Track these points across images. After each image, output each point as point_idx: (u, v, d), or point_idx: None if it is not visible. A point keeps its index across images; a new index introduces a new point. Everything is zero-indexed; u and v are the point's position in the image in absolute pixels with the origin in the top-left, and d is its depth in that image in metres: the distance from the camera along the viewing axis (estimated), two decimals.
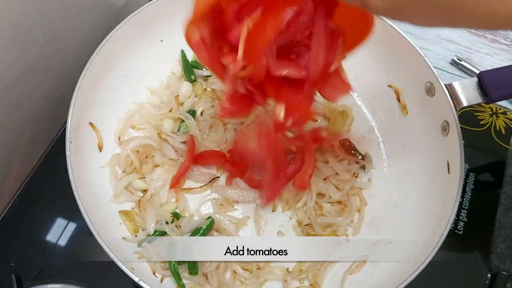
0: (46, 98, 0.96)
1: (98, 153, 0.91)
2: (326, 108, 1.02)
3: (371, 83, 1.04)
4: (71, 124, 0.83)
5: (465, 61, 1.18)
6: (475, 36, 1.24)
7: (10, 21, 0.78)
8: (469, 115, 1.08)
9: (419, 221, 0.86)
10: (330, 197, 0.91)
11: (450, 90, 0.88)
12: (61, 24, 0.91)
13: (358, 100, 1.05)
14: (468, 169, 1.01)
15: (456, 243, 0.92)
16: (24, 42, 0.83)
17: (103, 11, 1.03)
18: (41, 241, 0.89)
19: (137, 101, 0.99)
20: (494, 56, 1.21)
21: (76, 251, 0.88)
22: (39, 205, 0.92)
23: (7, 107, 0.86)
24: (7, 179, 0.92)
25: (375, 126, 1.02)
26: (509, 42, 1.23)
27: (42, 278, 0.85)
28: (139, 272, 0.80)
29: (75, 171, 0.79)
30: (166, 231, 0.85)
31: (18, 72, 0.85)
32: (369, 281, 0.83)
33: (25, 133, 0.94)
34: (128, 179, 0.90)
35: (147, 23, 0.99)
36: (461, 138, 0.83)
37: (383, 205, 0.93)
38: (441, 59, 1.20)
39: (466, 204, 0.97)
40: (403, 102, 0.99)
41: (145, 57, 1.02)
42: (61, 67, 0.97)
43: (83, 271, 0.86)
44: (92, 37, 1.01)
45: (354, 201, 0.93)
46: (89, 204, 0.80)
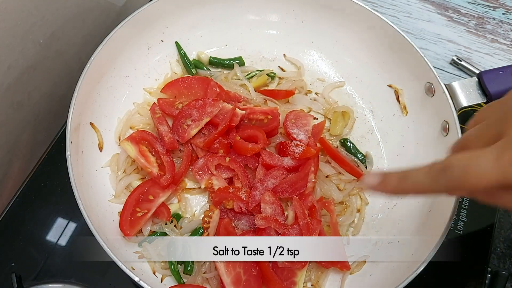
0: (46, 98, 0.96)
1: (98, 153, 0.91)
2: (327, 109, 1.02)
3: (371, 83, 1.04)
4: (71, 124, 0.83)
5: (465, 61, 1.18)
6: (475, 36, 1.24)
7: (10, 21, 0.78)
8: (469, 115, 1.06)
9: (419, 221, 0.86)
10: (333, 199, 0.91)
11: (450, 90, 0.88)
12: (61, 24, 0.91)
13: (358, 100, 1.05)
14: None
15: (456, 243, 0.92)
16: (24, 42, 0.83)
17: (103, 11, 1.03)
18: (41, 241, 0.89)
19: (137, 101, 0.99)
20: (494, 56, 1.21)
21: (76, 251, 0.88)
22: (39, 205, 0.92)
23: (7, 107, 0.86)
24: (7, 179, 0.92)
25: (375, 126, 1.02)
26: (509, 42, 1.23)
27: (42, 278, 0.85)
28: (139, 272, 0.80)
29: (75, 171, 0.79)
30: (166, 231, 0.85)
31: (18, 72, 0.85)
32: (369, 281, 0.83)
33: (25, 133, 0.94)
34: (129, 179, 0.90)
35: (147, 23, 0.99)
36: None
37: (383, 205, 0.93)
38: (441, 59, 1.20)
39: (466, 204, 0.97)
40: (403, 102, 0.99)
41: (145, 57, 1.02)
42: (61, 67, 0.97)
43: (83, 271, 0.86)
44: (92, 37, 1.02)
45: (355, 201, 0.93)
46: (89, 204, 0.80)
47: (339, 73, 1.08)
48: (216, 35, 1.08)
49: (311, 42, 1.09)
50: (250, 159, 0.90)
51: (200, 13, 1.05)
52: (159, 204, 0.86)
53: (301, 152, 0.88)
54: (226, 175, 0.89)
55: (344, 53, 1.07)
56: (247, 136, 0.90)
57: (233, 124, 0.90)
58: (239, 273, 0.78)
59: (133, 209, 0.84)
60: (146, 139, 0.91)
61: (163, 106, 0.94)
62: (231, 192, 0.84)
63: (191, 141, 0.91)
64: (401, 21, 1.26)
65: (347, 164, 0.92)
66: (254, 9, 1.07)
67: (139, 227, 0.84)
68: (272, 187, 0.86)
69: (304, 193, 0.87)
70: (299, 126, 0.93)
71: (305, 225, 0.80)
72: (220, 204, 0.86)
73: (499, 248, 0.95)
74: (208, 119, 0.89)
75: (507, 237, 0.97)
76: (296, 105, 1.02)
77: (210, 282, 0.82)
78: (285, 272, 0.80)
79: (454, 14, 1.27)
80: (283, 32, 1.09)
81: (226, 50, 1.08)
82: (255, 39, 1.09)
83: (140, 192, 0.86)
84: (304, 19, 1.07)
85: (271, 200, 0.84)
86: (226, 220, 0.85)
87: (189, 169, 0.91)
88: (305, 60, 1.09)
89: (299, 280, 0.80)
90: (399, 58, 0.98)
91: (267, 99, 1.00)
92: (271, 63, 1.08)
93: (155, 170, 0.87)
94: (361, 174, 0.92)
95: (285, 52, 1.09)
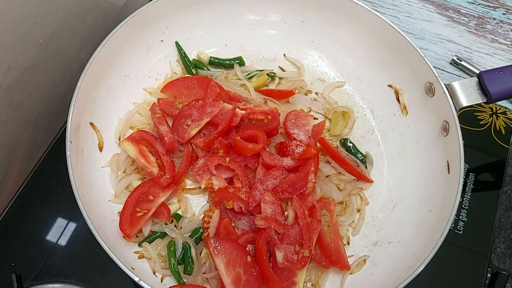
0: (46, 98, 0.96)
1: (98, 153, 0.91)
2: (327, 109, 1.02)
3: (371, 83, 1.04)
4: (71, 124, 0.83)
5: (465, 61, 1.18)
6: (475, 36, 1.24)
7: (10, 21, 0.78)
8: (469, 115, 1.08)
9: (419, 221, 0.86)
10: (333, 199, 0.91)
11: (450, 90, 0.88)
12: (61, 24, 0.91)
13: (358, 100, 1.05)
14: (468, 169, 1.01)
15: (456, 243, 0.92)
16: (24, 42, 0.83)
17: (103, 11, 1.03)
18: (41, 241, 0.89)
19: (137, 101, 0.99)
20: (494, 56, 1.21)
21: (76, 251, 0.88)
22: (39, 205, 0.92)
23: (7, 107, 0.86)
24: (7, 179, 0.92)
25: (375, 126, 1.02)
26: (509, 42, 1.23)
27: (42, 278, 0.85)
28: (139, 272, 0.80)
29: (75, 171, 0.79)
30: (166, 231, 0.85)
31: (18, 72, 0.85)
32: (369, 281, 0.83)
33: (25, 133, 0.94)
34: (129, 179, 0.90)
35: (147, 23, 0.99)
36: (461, 138, 0.84)
37: (383, 205, 0.93)
38: (441, 59, 1.20)
39: (466, 204, 0.97)
40: (403, 102, 0.99)
41: (145, 57, 1.02)
42: (61, 67, 0.97)
43: (83, 271, 0.86)
44: (92, 37, 1.01)
45: (355, 201, 0.93)
46: (89, 204, 0.80)
47: (339, 73, 1.08)
48: (216, 35, 1.08)
49: (311, 42, 1.09)
50: (250, 159, 0.90)
51: (200, 13, 1.05)
52: (159, 204, 0.86)
53: (301, 152, 0.88)
54: (226, 175, 0.89)
55: (344, 53, 1.07)
56: (247, 136, 0.90)
57: (233, 124, 0.90)
58: (239, 273, 0.79)
59: (133, 209, 0.84)
60: (146, 139, 0.91)
61: (163, 106, 0.94)
62: (231, 192, 0.84)
63: (191, 141, 0.91)
64: (401, 21, 1.26)
65: (347, 164, 0.92)
66: (254, 9, 1.08)
67: (139, 227, 0.84)
68: (272, 187, 0.86)
69: (304, 193, 0.87)
70: (299, 126, 0.93)
71: (305, 225, 0.80)
72: (220, 204, 0.86)
73: (499, 248, 0.95)
74: (208, 119, 0.89)
75: (507, 237, 0.97)
76: (296, 105, 1.02)
77: (210, 282, 0.82)
78: (285, 272, 0.80)
79: (454, 14, 1.27)
80: (283, 32, 1.09)
81: (226, 50, 1.08)
82: (255, 39, 1.09)
83: (140, 192, 0.86)
84: (304, 19, 1.07)
85: (271, 200, 0.84)
86: (226, 220, 0.85)
87: (189, 169, 0.91)
88: (305, 60, 1.09)
89: (299, 280, 0.80)
90: (399, 58, 0.98)
91: (267, 99, 1.00)
92: (271, 63, 1.08)
93: (155, 170, 0.87)
94: (361, 174, 0.93)
95: (285, 52, 1.09)
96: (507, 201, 1.03)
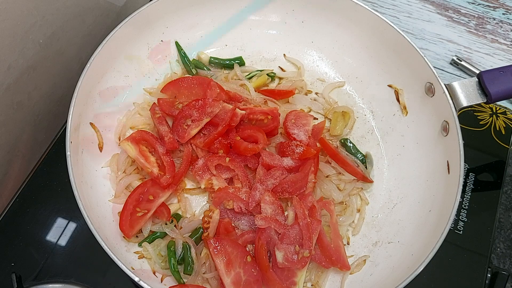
0: (46, 98, 0.96)
1: (98, 153, 0.91)
2: (327, 109, 1.02)
3: (371, 83, 1.04)
4: (71, 124, 0.83)
5: (465, 61, 1.18)
6: (475, 36, 1.24)
7: (10, 21, 0.78)
8: (469, 115, 1.08)
9: (419, 221, 0.86)
10: (333, 199, 0.91)
11: (450, 90, 0.88)
12: (61, 24, 0.91)
13: (358, 100, 1.05)
14: (468, 169, 1.01)
15: (456, 243, 0.92)
16: (24, 42, 0.83)
17: (103, 11, 1.03)
18: (41, 241, 0.89)
19: (137, 101, 0.99)
20: (494, 56, 1.21)
21: (76, 251, 0.88)
22: (39, 205, 0.92)
23: (7, 107, 0.86)
24: (7, 179, 0.92)
25: (375, 126, 1.02)
26: (509, 42, 1.23)
27: (42, 278, 0.85)
28: (139, 272, 0.80)
29: (75, 171, 0.79)
30: (166, 231, 0.85)
31: (18, 72, 0.85)
32: (369, 281, 0.83)
33: (25, 133, 0.94)
34: (129, 179, 0.90)
35: (147, 23, 0.99)
36: (461, 138, 0.84)
37: (383, 205, 0.93)
38: (441, 59, 1.20)
39: (466, 204, 0.97)
40: (403, 102, 0.99)
41: (145, 57, 1.02)
42: (61, 67, 0.97)
43: (83, 271, 0.86)
44: (92, 37, 1.01)
45: (355, 201, 0.93)
46: (89, 204, 0.80)
47: (339, 73, 1.08)
48: (216, 35, 1.08)
49: (311, 42, 1.09)
50: (250, 159, 0.90)
51: (200, 13, 1.05)
52: (159, 204, 0.86)
53: (301, 152, 0.88)
54: (226, 175, 0.89)
55: (344, 53, 1.07)
56: (247, 136, 0.90)
57: (233, 124, 0.90)
58: (239, 273, 0.79)
59: (133, 209, 0.84)
60: (146, 139, 0.91)
61: (163, 106, 0.94)
62: (231, 192, 0.85)
63: (191, 141, 0.91)
64: (401, 21, 1.26)
65: (347, 164, 0.92)
66: (254, 9, 1.07)
67: (139, 227, 0.84)
68: (272, 187, 0.86)
69: (304, 193, 0.87)
70: (299, 126, 0.93)
71: (305, 225, 0.80)
72: (220, 204, 0.86)
73: (499, 248, 0.95)
74: (208, 119, 0.89)
75: (507, 237, 0.97)
76: (296, 105, 1.02)
77: (210, 282, 0.82)
78: (285, 272, 0.80)
79: (454, 14, 1.27)
80: (283, 32, 1.09)
81: (226, 50, 1.08)
82: (255, 39, 1.09)
83: (140, 192, 0.86)
84: (304, 19, 1.07)
85: (271, 200, 0.84)
86: (226, 220, 0.85)
87: (189, 169, 0.91)
88: (305, 60, 1.09)
89: (299, 280, 0.80)
90: (399, 58, 0.98)
91: (267, 99, 1.00)
92: (271, 63, 1.08)
93: (155, 170, 0.87)
94: (361, 174, 0.93)
95: (285, 52, 1.09)
96: (507, 201, 1.03)
